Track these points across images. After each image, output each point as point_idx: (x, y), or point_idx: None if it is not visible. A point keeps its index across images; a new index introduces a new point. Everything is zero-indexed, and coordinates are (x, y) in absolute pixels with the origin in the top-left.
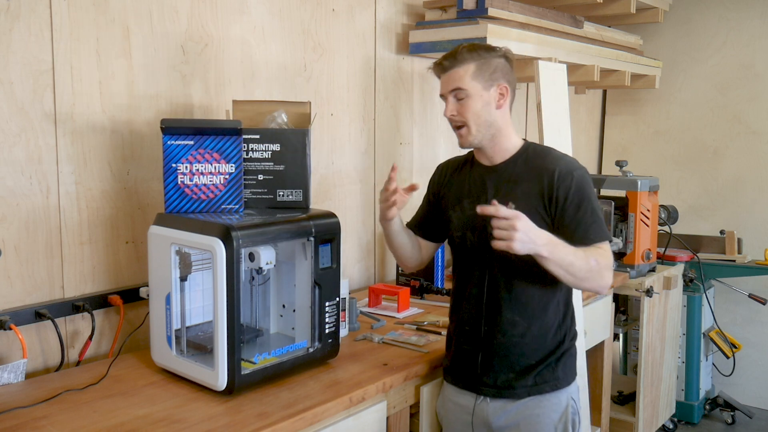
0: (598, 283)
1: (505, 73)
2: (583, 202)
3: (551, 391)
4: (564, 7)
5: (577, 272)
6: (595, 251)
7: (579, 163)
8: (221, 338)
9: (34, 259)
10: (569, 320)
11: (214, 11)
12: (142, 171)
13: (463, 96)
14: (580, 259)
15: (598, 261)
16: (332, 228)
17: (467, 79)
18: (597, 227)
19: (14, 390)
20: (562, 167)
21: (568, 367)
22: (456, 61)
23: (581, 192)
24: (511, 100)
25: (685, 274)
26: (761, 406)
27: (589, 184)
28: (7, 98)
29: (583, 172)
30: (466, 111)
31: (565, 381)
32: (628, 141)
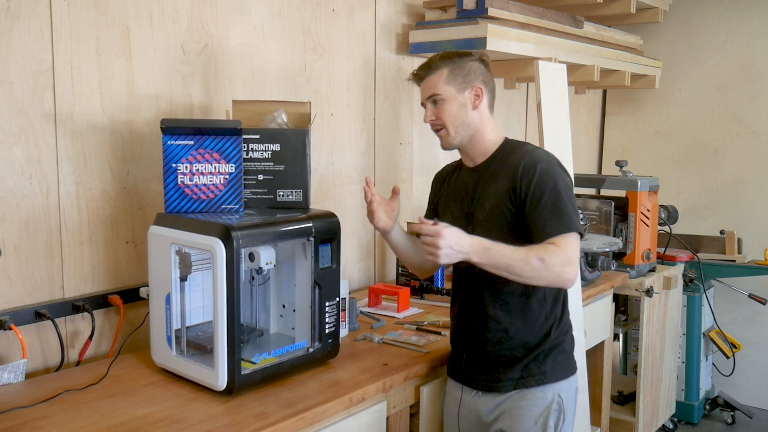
0: (553, 280)
1: (479, 74)
2: (543, 195)
3: (536, 385)
4: (564, 7)
5: (519, 272)
6: (543, 248)
7: (549, 155)
8: (221, 338)
9: (34, 259)
10: (557, 313)
11: (214, 11)
12: (142, 171)
13: (439, 100)
14: (519, 260)
15: (543, 258)
16: (332, 228)
17: (441, 84)
18: (555, 221)
19: (14, 390)
20: (527, 161)
21: (558, 363)
22: (429, 69)
23: (543, 185)
24: (489, 100)
25: (685, 274)
26: (761, 406)
27: (555, 177)
28: (7, 98)
29: (548, 165)
30: (442, 114)
31: (553, 376)
32: (628, 141)
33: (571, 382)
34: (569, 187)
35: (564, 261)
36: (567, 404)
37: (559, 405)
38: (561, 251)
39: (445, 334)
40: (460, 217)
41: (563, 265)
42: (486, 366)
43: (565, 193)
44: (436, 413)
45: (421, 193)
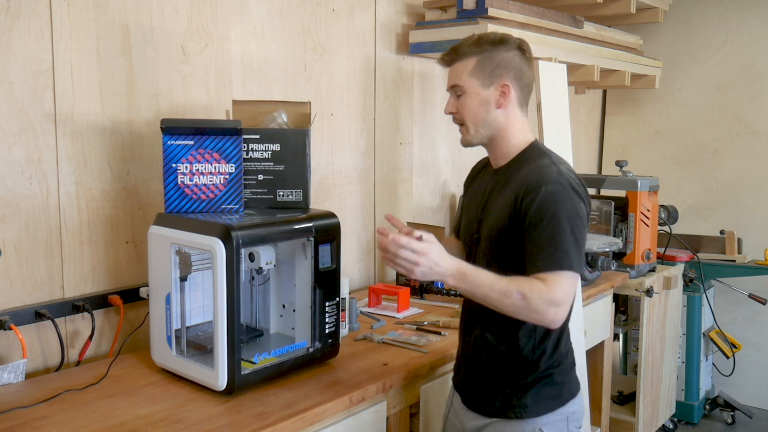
0: (535, 319)
1: (511, 68)
2: (541, 223)
3: (516, 418)
4: (564, 7)
5: (497, 305)
6: (528, 283)
7: (562, 176)
8: (221, 338)
9: (34, 259)
10: (549, 345)
11: (214, 11)
12: (142, 171)
13: (461, 93)
14: (498, 292)
15: (524, 295)
16: (332, 228)
17: (465, 76)
18: (548, 254)
19: (14, 390)
20: (533, 178)
21: (542, 396)
22: (457, 55)
23: (543, 211)
24: (520, 97)
25: (685, 274)
26: (761, 406)
27: (558, 203)
28: (7, 98)
29: (555, 187)
30: (462, 108)
31: (534, 411)
32: (628, 141)
33: (562, 413)
34: (577, 217)
35: (549, 301)
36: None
37: None
38: (547, 290)
39: (446, 334)
40: (472, 220)
41: (547, 306)
42: (472, 384)
43: (569, 224)
44: (436, 413)
45: (421, 193)
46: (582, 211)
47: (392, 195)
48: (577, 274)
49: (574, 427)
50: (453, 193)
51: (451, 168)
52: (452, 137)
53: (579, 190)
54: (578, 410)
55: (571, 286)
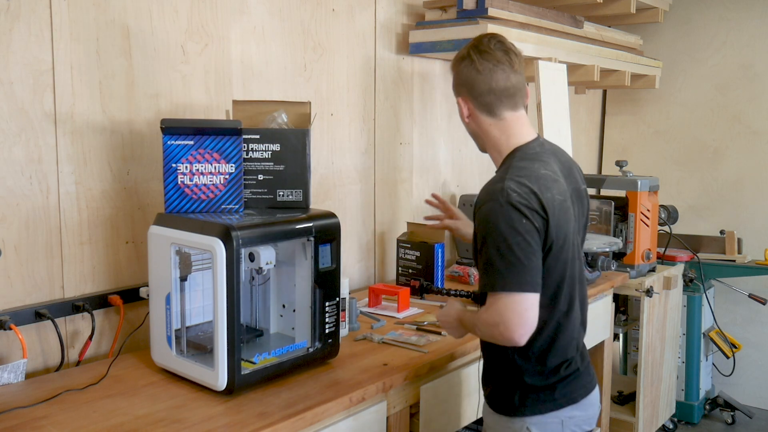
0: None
1: (463, 83)
2: (480, 240)
3: (505, 414)
4: (564, 7)
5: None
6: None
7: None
8: (221, 338)
9: (34, 259)
10: (536, 357)
11: (214, 11)
12: (142, 171)
13: None
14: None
15: (477, 326)
16: (332, 228)
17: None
18: (483, 276)
19: (14, 390)
20: (481, 195)
21: (529, 399)
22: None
23: (483, 229)
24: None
25: (685, 274)
26: (761, 406)
27: (492, 224)
28: (7, 98)
29: (491, 206)
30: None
31: (521, 411)
32: (628, 141)
33: (555, 416)
34: (514, 234)
35: (492, 324)
36: None
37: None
38: (487, 314)
39: (445, 334)
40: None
41: (493, 329)
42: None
43: (504, 243)
44: (436, 413)
45: (421, 193)
46: (524, 227)
47: (392, 195)
48: (519, 293)
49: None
50: (453, 193)
51: (451, 168)
52: (452, 137)
53: (520, 205)
54: (579, 415)
55: (513, 306)
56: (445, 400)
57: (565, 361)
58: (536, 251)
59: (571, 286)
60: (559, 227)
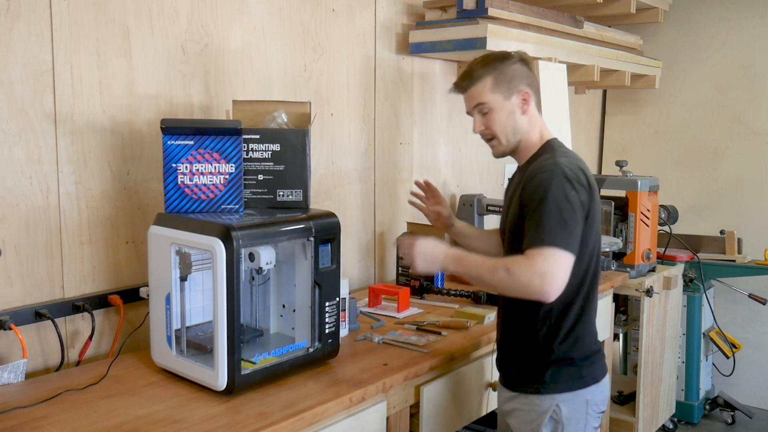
0: (523, 292)
1: (523, 77)
2: (531, 204)
3: (533, 393)
4: (564, 7)
5: (489, 282)
6: (512, 259)
7: (558, 166)
8: (221, 338)
9: (34, 259)
10: (565, 327)
11: (214, 11)
12: (142, 171)
13: (487, 110)
14: (486, 270)
15: (508, 269)
16: (332, 228)
17: (486, 94)
18: (533, 233)
19: (14, 390)
20: (533, 169)
21: (560, 375)
22: (472, 79)
23: (535, 196)
24: (536, 101)
25: (685, 274)
26: (761, 406)
27: (549, 188)
28: (7, 98)
29: (549, 175)
30: (492, 124)
31: (553, 388)
32: (628, 141)
33: (581, 395)
34: (565, 201)
35: (531, 272)
36: (571, 415)
37: (556, 415)
38: (529, 262)
39: (446, 334)
40: (502, 220)
41: (531, 276)
42: (502, 362)
43: (555, 206)
44: (436, 413)
45: None
46: (573, 197)
47: (392, 195)
48: (564, 251)
49: (594, 412)
50: (453, 193)
51: (451, 168)
52: (452, 137)
53: (572, 177)
54: (600, 399)
55: (556, 261)
56: (445, 400)
57: (589, 339)
58: (579, 222)
59: (596, 267)
60: (595, 206)
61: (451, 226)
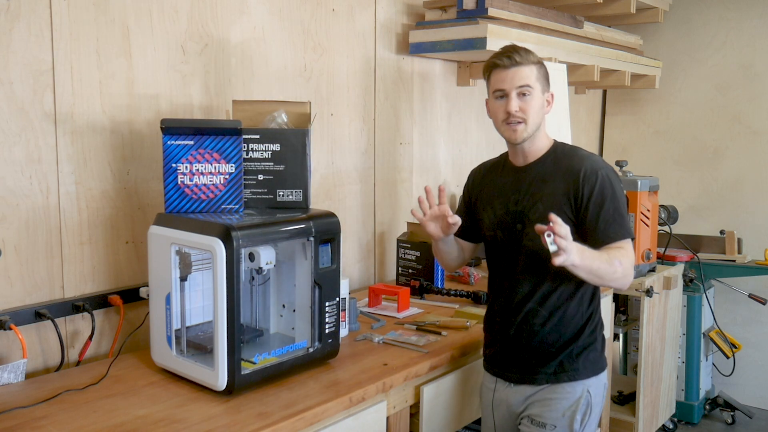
0: (622, 282)
1: (549, 80)
2: (605, 201)
3: (568, 381)
4: (564, 7)
5: (603, 275)
6: (618, 253)
7: (604, 162)
8: (221, 338)
9: (34, 259)
10: (593, 312)
11: (214, 11)
12: (142, 171)
13: (528, 93)
14: (605, 263)
15: (621, 262)
16: (332, 228)
17: (533, 79)
18: (617, 226)
19: (14, 390)
20: (588, 166)
21: (589, 361)
22: (524, 58)
23: (604, 191)
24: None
25: (685, 274)
26: (761, 406)
27: (614, 184)
28: (7, 98)
29: (608, 171)
30: (528, 107)
31: (584, 373)
32: (628, 141)
33: (601, 379)
34: (623, 195)
35: (631, 264)
36: (595, 399)
37: (587, 400)
38: (629, 255)
39: (446, 334)
40: (504, 214)
41: (629, 268)
42: (521, 360)
43: (622, 201)
44: (436, 413)
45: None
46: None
47: (392, 195)
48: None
49: (603, 396)
50: (453, 193)
51: (451, 168)
52: (452, 137)
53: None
54: (607, 383)
55: (633, 251)
56: (445, 400)
57: (602, 323)
58: None
59: None
60: None
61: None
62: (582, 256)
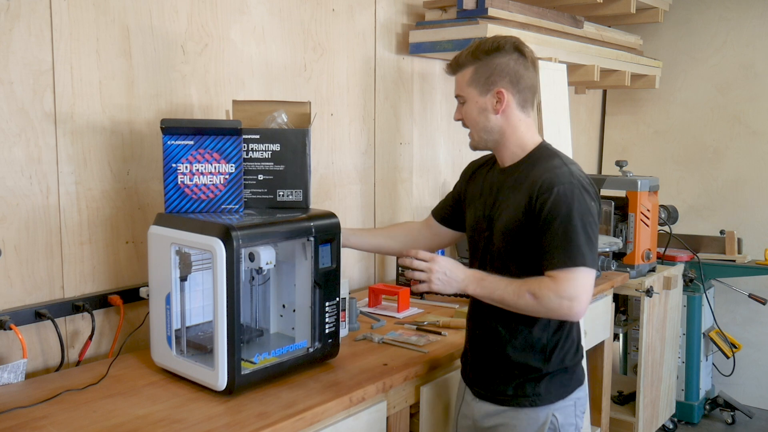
0: (551, 315)
1: (506, 74)
2: (554, 222)
3: (530, 406)
4: (564, 7)
5: (513, 305)
6: (538, 282)
7: (574, 176)
8: (221, 338)
9: (34, 259)
10: (560, 337)
11: (214, 11)
12: (142, 171)
13: (463, 102)
14: (512, 294)
15: (535, 295)
16: (332, 228)
17: (464, 86)
18: (561, 252)
19: (14, 390)
20: (545, 180)
21: (554, 385)
22: (457, 66)
23: (557, 210)
24: (519, 101)
25: (685, 274)
26: (761, 406)
27: (571, 202)
28: (7, 98)
29: (567, 188)
30: (465, 116)
31: (548, 399)
32: (628, 141)
33: (570, 399)
34: (588, 215)
35: (560, 296)
36: (564, 421)
37: (554, 425)
38: (557, 287)
39: (446, 334)
40: (480, 217)
41: (560, 300)
42: (484, 375)
43: (580, 222)
44: (436, 413)
45: (421, 193)
46: (593, 209)
47: (392, 195)
48: (590, 269)
49: (580, 412)
50: None
51: (451, 168)
52: (452, 137)
53: (589, 189)
54: (583, 396)
55: (585, 281)
56: (445, 400)
57: (578, 344)
58: (597, 233)
59: None
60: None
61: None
62: (479, 285)
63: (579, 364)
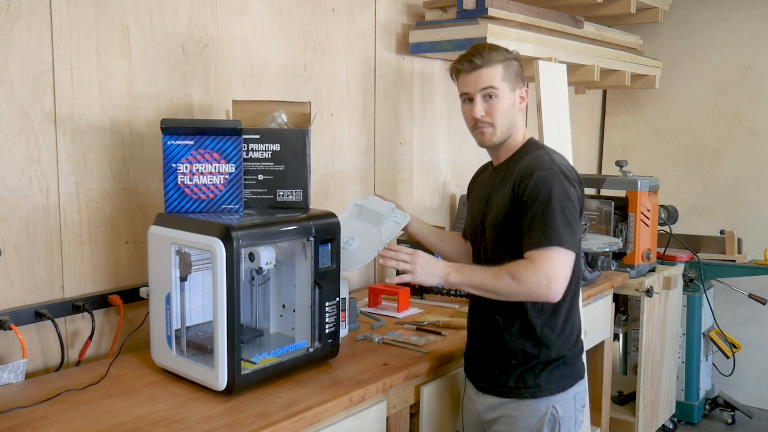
0: (531, 296)
1: (522, 76)
2: (534, 204)
3: (531, 397)
4: (564, 7)
5: (494, 290)
6: (516, 264)
7: (554, 163)
8: (221, 338)
9: (34, 259)
10: (558, 322)
11: (214, 11)
12: (142, 171)
13: (494, 95)
14: (491, 277)
15: (514, 275)
16: (332, 228)
17: (498, 80)
18: (538, 233)
19: (14, 390)
20: (527, 166)
21: (554, 376)
22: (486, 60)
23: (535, 194)
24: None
25: (685, 274)
26: (761, 406)
27: (550, 186)
28: (7, 98)
29: (547, 173)
30: (495, 112)
31: (548, 390)
32: (628, 141)
33: (571, 392)
34: (567, 199)
35: (538, 275)
36: (564, 413)
37: (554, 416)
38: (534, 266)
39: (446, 334)
40: (476, 215)
41: (538, 279)
42: (484, 368)
43: (559, 205)
44: (436, 413)
45: (422, 193)
46: (573, 194)
47: (392, 195)
48: (568, 250)
49: (580, 405)
50: (453, 193)
51: (451, 168)
52: (452, 137)
53: (569, 175)
54: (583, 390)
55: (561, 261)
56: (445, 400)
57: (577, 334)
58: (578, 218)
59: (578, 260)
60: (582, 202)
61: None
62: (459, 274)
63: (579, 357)
